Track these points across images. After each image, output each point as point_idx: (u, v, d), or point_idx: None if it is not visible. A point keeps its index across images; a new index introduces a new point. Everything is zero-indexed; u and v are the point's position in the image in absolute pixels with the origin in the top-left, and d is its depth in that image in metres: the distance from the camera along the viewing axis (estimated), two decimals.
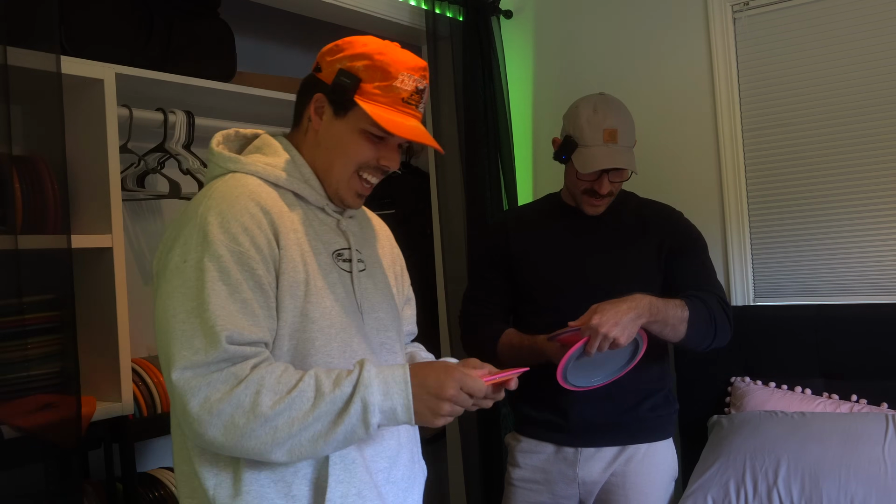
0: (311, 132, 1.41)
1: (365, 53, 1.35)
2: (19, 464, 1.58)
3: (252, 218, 1.27)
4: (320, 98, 1.38)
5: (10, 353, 1.57)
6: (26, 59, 1.56)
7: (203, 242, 1.24)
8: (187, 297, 1.21)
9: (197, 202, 1.31)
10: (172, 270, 1.24)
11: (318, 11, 2.48)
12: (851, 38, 2.47)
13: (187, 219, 1.29)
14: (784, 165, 2.59)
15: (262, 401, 1.18)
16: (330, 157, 1.39)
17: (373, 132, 1.36)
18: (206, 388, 1.18)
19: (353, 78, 1.34)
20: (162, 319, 1.23)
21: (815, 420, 2.18)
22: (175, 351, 1.19)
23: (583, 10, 2.95)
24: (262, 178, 1.35)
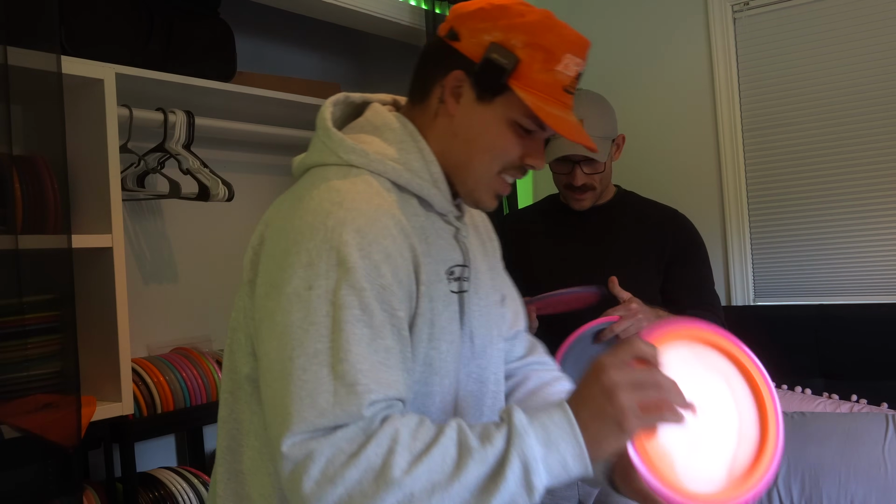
0: (442, 117, 1.12)
1: (524, 26, 1.08)
2: (19, 464, 1.58)
3: (394, 242, 1.01)
4: (460, 77, 1.10)
5: (10, 353, 1.57)
6: (26, 59, 1.56)
7: (339, 267, 0.96)
8: (312, 336, 0.94)
9: (318, 208, 1.00)
10: (291, 297, 0.97)
11: (318, 11, 2.48)
12: (851, 38, 2.47)
13: (307, 228, 0.99)
14: (784, 165, 2.59)
15: (395, 462, 0.90)
16: (469, 151, 1.12)
17: (525, 125, 1.11)
18: (328, 451, 0.91)
19: (510, 57, 1.07)
20: (275, 360, 0.97)
21: (815, 420, 2.19)
22: (293, 408, 0.92)
23: (583, 11, 2.95)
24: (390, 179, 1.08)
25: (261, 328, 1.01)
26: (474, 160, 1.12)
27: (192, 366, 2.05)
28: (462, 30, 1.10)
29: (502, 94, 1.09)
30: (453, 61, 1.11)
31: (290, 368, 0.94)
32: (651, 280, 2.11)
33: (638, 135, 2.79)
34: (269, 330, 0.98)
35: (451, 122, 1.12)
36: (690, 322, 1.06)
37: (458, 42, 1.10)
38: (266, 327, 0.99)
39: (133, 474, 1.86)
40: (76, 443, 1.56)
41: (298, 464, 0.91)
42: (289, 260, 0.98)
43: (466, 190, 1.15)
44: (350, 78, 3.03)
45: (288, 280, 0.97)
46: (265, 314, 1.00)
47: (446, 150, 1.13)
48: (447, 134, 1.12)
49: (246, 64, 2.39)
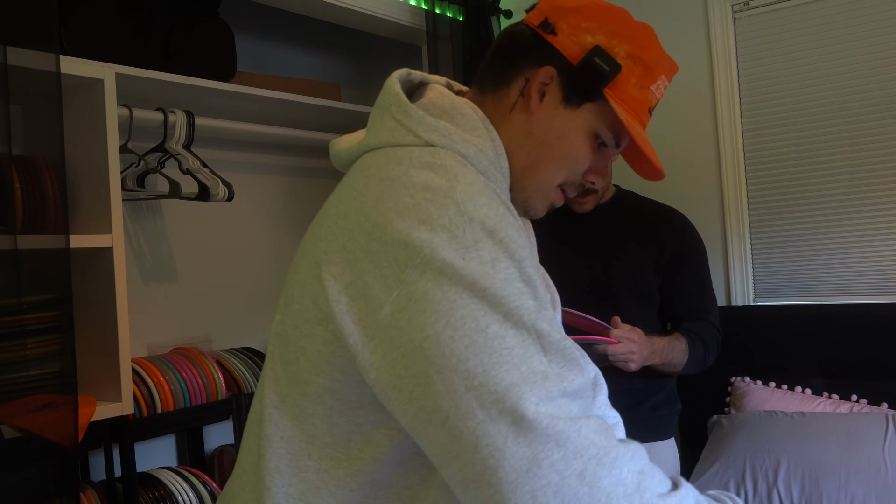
0: (520, 111, 1.04)
1: (630, 35, 1.03)
2: (19, 464, 1.58)
3: (514, 218, 0.95)
4: (551, 73, 1.02)
5: (9, 353, 1.57)
6: (26, 59, 1.56)
7: (490, 238, 0.86)
8: (493, 303, 0.83)
9: (433, 184, 0.89)
10: (442, 271, 0.84)
11: (318, 11, 2.48)
12: (851, 38, 2.47)
13: (431, 205, 0.87)
14: (784, 165, 2.59)
15: (648, 486, 0.82)
16: (541, 154, 1.04)
17: (604, 138, 1.05)
18: (575, 438, 0.80)
19: (613, 65, 1.00)
20: (449, 338, 0.81)
21: (815, 420, 2.18)
22: (515, 375, 0.80)
23: None
24: (474, 165, 0.97)
25: (404, 317, 0.84)
26: (543, 165, 1.04)
27: (192, 366, 2.05)
28: (562, 24, 1.03)
29: (592, 101, 1.03)
30: (546, 56, 1.03)
31: (483, 338, 0.82)
32: (649, 279, 2.11)
33: None
34: (426, 311, 0.83)
35: (529, 119, 1.03)
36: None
37: (555, 37, 1.02)
38: (416, 312, 0.83)
39: (133, 474, 1.86)
40: (75, 443, 1.56)
41: (546, 441, 0.79)
42: (422, 238, 0.85)
43: (524, 195, 1.06)
44: (350, 78, 3.03)
45: (431, 256, 0.84)
46: (409, 300, 0.84)
47: (516, 147, 1.03)
48: (521, 131, 1.04)
49: (246, 64, 2.39)
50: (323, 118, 2.50)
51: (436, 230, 0.85)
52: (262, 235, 2.59)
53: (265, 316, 2.53)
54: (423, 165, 0.92)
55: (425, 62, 2.73)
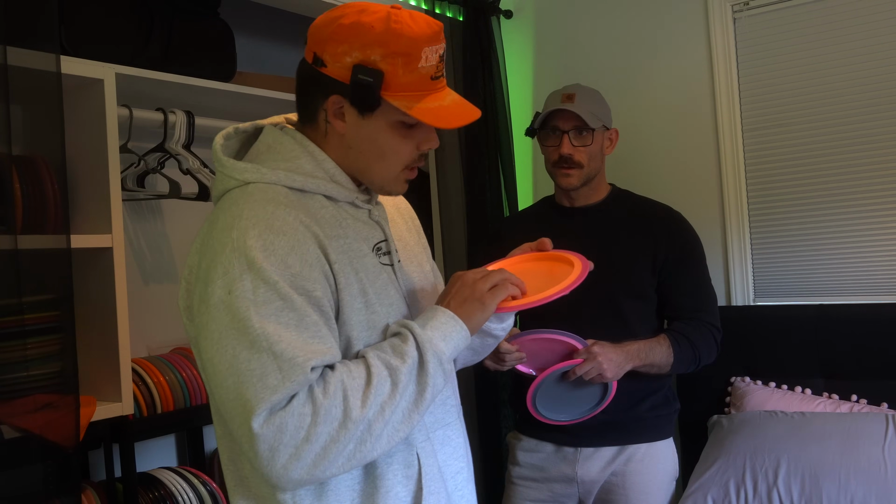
0: (333, 135, 1.25)
1: (377, 39, 1.16)
2: (19, 464, 1.58)
3: (295, 234, 1.14)
4: (338, 100, 1.21)
5: (9, 353, 1.57)
6: (26, 59, 1.56)
7: (250, 270, 1.10)
8: (244, 332, 1.08)
9: (224, 225, 1.15)
10: (217, 305, 1.10)
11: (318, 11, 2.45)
12: (851, 38, 2.47)
13: (218, 245, 1.13)
14: (784, 165, 2.59)
15: (351, 405, 1.09)
16: (367, 160, 1.25)
17: (408, 122, 1.22)
18: (292, 420, 1.06)
19: (374, 74, 1.16)
20: (219, 363, 1.09)
21: (815, 420, 2.19)
22: (250, 395, 1.06)
23: (583, 10, 2.95)
24: (286, 186, 1.21)
25: (199, 341, 1.14)
26: (371, 167, 1.25)
27: (192, 366, 2.05)
28: (325, 56, 1.20)
29: (379, 104, 1.19)
30: (327, 87, 1.21)
31: (236, 364, 1.07)
32: (645, 279, 2.11)
33: (638, 135, 2.79)
34: (206, 339, 1.11)
35: (343, 138, 1.24)
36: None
37: (326, 68, 1.20)
38: (203, 338, 1.12)
39: (133, 474, 1.86)
40: (75, 443, 1.56)
41: (272, 438, 1.05)
42: (210, 275, 1.12)
43: (375, 186, 1.29)
44: None
45: (212, 292, 1.11)
46: (200, 328, 1.13)
47: (343, 160, 1.26)
48: (341, 147, 1.25)
49: (246, 64, 2.39)
50: None
51: (216, 268, 1.12)
52: None
53: None
54: (226, 208, 1.18)
55: None
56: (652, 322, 2.15)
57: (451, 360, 1.20)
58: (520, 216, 2.47)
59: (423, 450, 1.26)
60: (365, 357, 1.14)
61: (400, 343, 1.17)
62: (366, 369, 1.12)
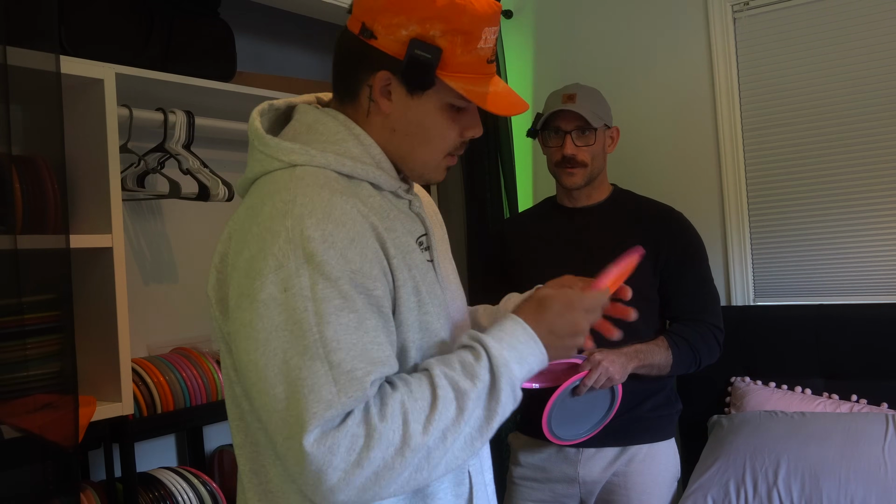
0: (376, 115, 1.13)
1: (438, 13, 1.06)
2: (19, 464, 1.58)
3: (354, 225, 1.03)
4: (387, 77, 1.10)
5: (9, 353, 1.57)
6: (26, 59, 1.56)
7: (308, 263, 0.98)
8: (298, 335, 0.97)
9: (273, 211, 1.02)
10: (267, 303, 0.98)
11: (318, 11, 2.48)
12: (851, 38, 2.47)
13: (268, 234, 1.01)
14: (784, 165, 2.59)
15: (412, 430, 0.98)
16: (411, 143, 1.14)
17: (457, 104, 1.13)
18: (345, 440, 0.95)
19: (433, 51, 1.06)
20: (265, 368, 0.98)
21: (815, 420, 2.18)
22: (302, 408, 0.95)
23: (583, 10, 2.95)
24: (336, 171, 1.09)
25: (239, 340, 1.02)
26: (416, 151, 1.15)
27: (192, 366, 2.05)
28: (377, 27, 1.08)
29: (433, 84, 1.10)
30: (376, 61, 1.10)
31: (287, 371, 0.96)
32: (646, 280, 2.11)
33: (638, 135, 2.79)
34: (250, 339, 0.99)
35: (387, 119, 1.13)
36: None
37: (376, 40, 1.08)
38: (245, 337, 1.00)
39: (133, 474, 1.86)
40: (75, 443, 1.56)
41: (321, 459, 0.94)
42: (256, 267, 1.00)
43: (415, 174, 1.19)
44: None
45: (261, 287, 0.99)
46: (241, 325, 1.01)
47: (387, 144, 1.14)
48: (385, 130, 1.14)
49: (246, 64, 2.39)
50: None
51: (267, 260, 0.99)
52: None
53: None
54: (272, 192, 1.05)
55: None
56: (655, 323, 2.15)
57: (520, 384, 1.09)
58: (522, 217, 2.47)
59: (474, 467, 1.21)
60: (430, 373, 1.03)
61: (472, 361, 1.05)
62: (430, 390, 1.01)
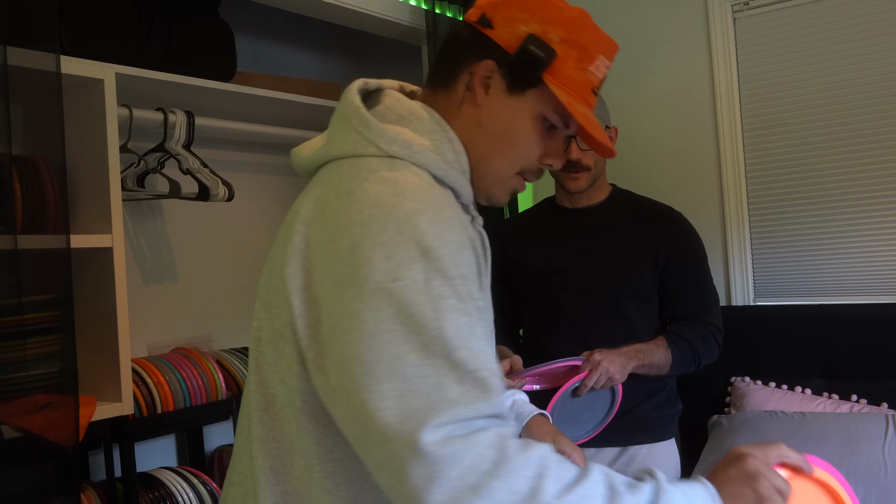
0: (468, 105, 1.07)
1: (562, 21, 1.05)
2: (19, 464, 1.58)
3: (461, 233, 0.95)
4: (491, 66, 1.06)
5: (9, 353, 1.57)
6: (26, 59, 1.56)
7: (424, 258, 0.90)
8: (416, 331, 0.87)
9: (378, 199, 0.93)
10: (376, 293, 0.88)
11: (318, 11, 2.48)
12: (851, 38, 2.47)
13: (374, 221, 0.92)
14: (784, 165, 2.59)
15: (546, 487, 0.85)
16: (494, 145, 1.07)
17: (552, 121, 1.08)
18: (469, 457, 0.84)
19: (547, 51, 1.03)
20: (372, 361, 0.87)
21: (815, 420, 2.18)
22: (421, 404, 0.85)
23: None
24: (431, 172, 1.02)
25: (340, 331, 0.90)
26: (496, 154, 1.08)
27: (192, 366, 2.05)
28: (496, 18, 1.06)
29: (534, 87, 1.06)
30: (485, 50, 1.06)
31: (400, 367, 0.86)
32: (646, 280, 2.11)
33: (638, 134, 2.79)
34: (355, 331, 0.89)
35: (478, 111, 1.07)
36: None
37: (492, 30, 1.06)
38: (348, 329, 0.89)
39: (133, 474, 1.86)
40: (75, 443, 1.57)
41: (436, 465, 0.83)
42: (362, 256, 0.90)
43: (484, 184, 1.10)
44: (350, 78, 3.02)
45: (367, 276, 0.89)
46: (344, 316, 0.90)
47: (469, 140, 1.07)
48: (472, 124, 1.07)
49: (246, 64, 2.39)
50: (323, 118, 2.48)
51: (374, 249, 0.90)
52: (262, 235, 2.59)
53: None
54: (377, 180, 0.96)
55: (425, 62, 2.73)
56: (654, 323, 2.15)
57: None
58: (521, 217, 2.46)
59: None
60: (587, 466, 0.93)
61: (636, 479, 0.95)
62: (580, 471, 0.90)
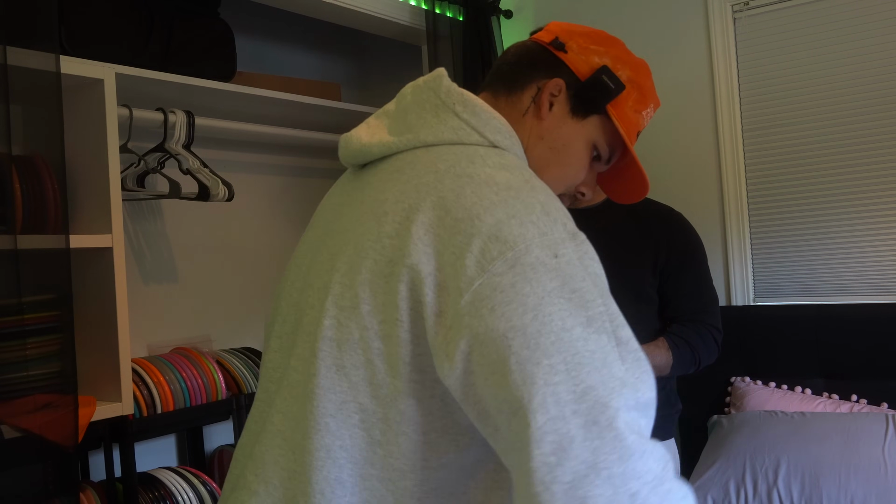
0: (532, 117, 1.09)
1: (630, 62, 1.14)
2: (19, 464, 1.58)
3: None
4: (560, 85, 1.09)
5: (9, 353, 1.57)
6: (26, 59, 1.56)
7: (573, 239, 0.89)
8: (581, 305, 0.84)
9: (510, 184, 0.91)
10: (535, 266, 0.84)
11: (319, 11, 2.48)
12: (851, 38, 2.47)
13: (517, 202, 0.89)
14: (784, 165, 2.59)
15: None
16: (549, 159, 1.09)
17: (601, 151, 1.13)
18: (648, 457, 0.82)
19: (618, 84, 1.10)
20: (534, 333, 0.82)
21: (815, 420, 2.18)
22: (596, 378, 0.81)
23: (582, 10, 2.95)
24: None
25: (495, 305, 0.83)
26: (550, 169, 1.10)
27: (192, 366, 2.05)
28: (571, 44, 1.11)
29: (596, 114, 1.10)
30: (557, 69, 1.10)
31: (569, 339, 0.82)
32: (646, 281, 2.11)
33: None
34: (515, 303, 0.83)
35: (540, 124, 1.09)
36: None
37: (566, 54, 1.10)
38: (506, 301, 0.83)
39: (133, 474, 1.86)
40: (75, 443, 1.57)
41: (638, 442, 0.81)
42: (513, 232, 0.86)
43: None
44: (350, 78, 3.04)
45: (524, 251, 0.85)
46: (498, 290, 0.84)
47: (529, 148, 1.08)
48: (533, 135, 1.09)
49: (246, 64, 2.39)
50: (323, 118, 2.50)
51: (526, 226, 0.87)
52: (262, 235, 2.59)
53: (265, 316, 2.53)
54: (498, 166, 0.94)
55: (425, 62, 2.73)
56: (652, 324, 2.15)
57: None
58: None
59: None
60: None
61: None
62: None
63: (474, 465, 0.93)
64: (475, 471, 0.93)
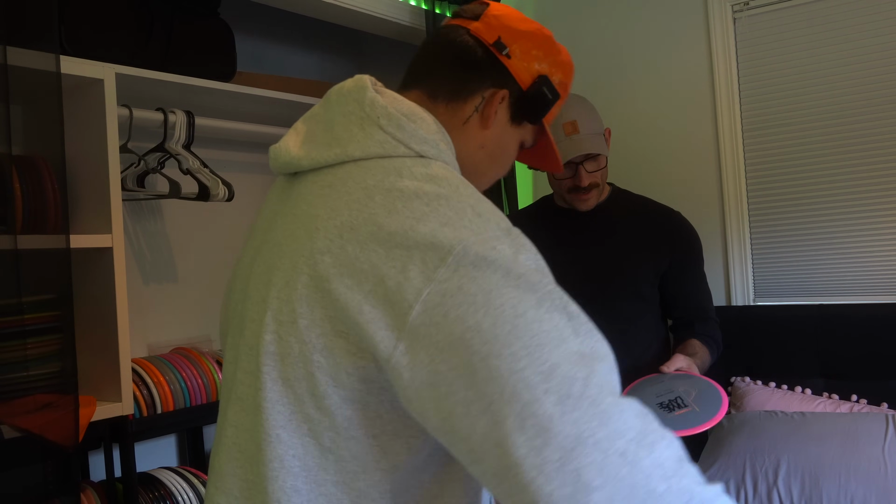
0: (474, 126, 1.10)
1: (563, 65, 1.15)
2: (19, 464, 1.58)
3: None
4: (505, 96, 1.10)
5: (9, 353, 1.57)
6: (26, 59, 1.56)
7: (507, 236, 0.91)
8: (527, 289, 0.86)
9: (444, 192, 0.92)
10: (475, 265, 0.86)
11: (318, 11, 2.48)
12: (851, 38, 2.48)
13: (449, 210, 0.90)
14: (784, 165, 2.59)
15: (688, 472, 0.84)
16: (488, 165, 1.13)
17: (526, 145, 1.18)
18: (627, 414, 0.83)
19: (555, 94, 1.12)
20: (490, 327, 0.83)
21: (815, 420, 2.18)
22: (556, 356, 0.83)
23: (582, 11, 2.95)
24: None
25: (438, 314, 0.84)
26: (488, 173, 1.14)
27: (192, 366, 2.05)
28: (514, 48, 1.10)
29: (533, 123, 1.14)
30: (500, 79, 1.10)
31: (523, 323, 0.84)
32: (648, 280, 2.11)
33: (638, 135, 2.79)
34: (465, 304, 0.84)
35: (483, 133, 1.10)
36: None
37: (509, 60, 1.10)
38: (452, 306, 0.84)
39: (133, 474, 1.86)
40: (75, 443, 1.57)
41: (610, 403, 0.82)
42: (448, 236, 0.87)
43: None
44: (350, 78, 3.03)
45: (463, 251, 0.86)
46: (442, 296, 0.85)
47: (467, 156, 1.10)
48: (475, 144, 1.10)
49: (246, 64, 2.39)
50: None
51: (460, 230, 0.88)
52: None
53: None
54: (425, 178, 0.94)
55: None
56: (651, 323, 2.15)
57: None
58: (519, 216, 2.47)
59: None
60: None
61: None
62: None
63: (427, 462, 0.94)
64: (428, 466, 0.95)
